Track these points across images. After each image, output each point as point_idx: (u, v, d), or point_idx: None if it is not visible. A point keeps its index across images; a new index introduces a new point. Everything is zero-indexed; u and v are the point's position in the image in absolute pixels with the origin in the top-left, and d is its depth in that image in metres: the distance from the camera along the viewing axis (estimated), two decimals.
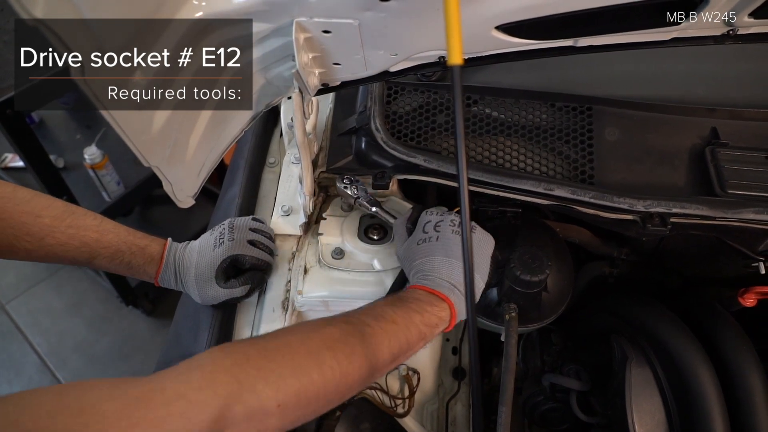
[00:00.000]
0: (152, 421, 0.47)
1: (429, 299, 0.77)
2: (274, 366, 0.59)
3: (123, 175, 2.23)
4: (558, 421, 1.10)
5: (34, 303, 2.66)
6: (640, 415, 0.87)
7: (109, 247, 0.82)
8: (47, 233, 0.77)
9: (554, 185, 0.90)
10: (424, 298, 0.77)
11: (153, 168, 0.68)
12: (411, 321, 0.73)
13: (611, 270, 1.19)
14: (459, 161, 0.45)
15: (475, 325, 0.75)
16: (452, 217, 0.86)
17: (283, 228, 1.04)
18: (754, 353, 0.89)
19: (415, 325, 0.73)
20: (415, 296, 0.77)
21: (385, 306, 0.74)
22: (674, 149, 0.96)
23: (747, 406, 0.85)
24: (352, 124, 1.07)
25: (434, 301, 0.77)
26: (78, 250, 0.79)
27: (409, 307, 0.74)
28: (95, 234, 0.81)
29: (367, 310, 0.73)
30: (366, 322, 0.69)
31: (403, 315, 0.72)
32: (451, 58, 0.46)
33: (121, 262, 0.83)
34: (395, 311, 0.73)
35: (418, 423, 1.20)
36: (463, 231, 0.58)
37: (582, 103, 1.00)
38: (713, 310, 0.96)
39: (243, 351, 0.59)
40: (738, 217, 0.86)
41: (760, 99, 0.97)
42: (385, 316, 0.71)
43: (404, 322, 0.72)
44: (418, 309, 0.74)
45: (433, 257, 0.82)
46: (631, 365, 0.90)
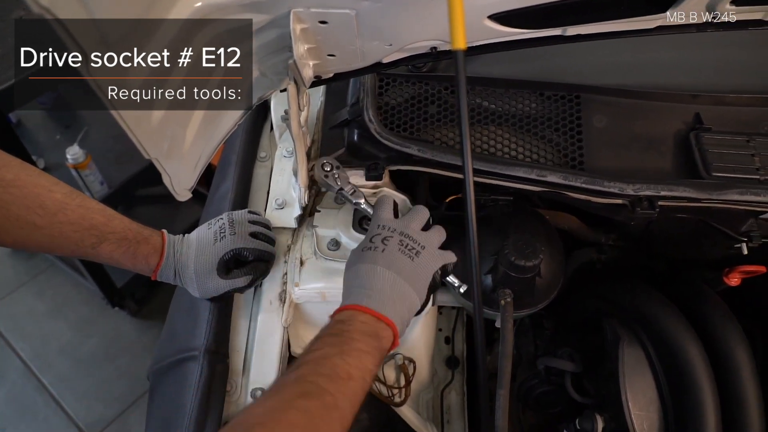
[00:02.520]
0: None
1: (375, 329, 0.71)
2: None
3: (106, 174, 2.20)
4: (551, 404, 1.12)
5: (16, 307, 2.61)
6: (634, 394, 0.90)
7: (116, 232, 0.80)
8: (59, 209, 0.73)
9: (546, 171, 0.92)
10: (370, 329, 0.71)
11: (153, 161, 0.68)
12: (365, 368, 0.67)
13: (599, 256, 1.22)
14: (463, 141, 0.47)
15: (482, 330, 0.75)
16: (401, 238, 0.80)
17: (277, 221, 1.04)
18: (740, 330, 0.92)
19: (369, 370, 0.67)
20: (361, 329, 0.70)
21: (335, 356, 0.66)
22: (660, 135, 0.99)
23: (735, 381, 0.88)
24: (344, 117, 1.08)
25: (380, 331, 0.71)
26: (88, 232, 0.76)
27: (360, 350, 0.68)
28: (102, 218, 0.79)
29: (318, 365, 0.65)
30: (324, 387, 0.62)
31: (357, 365, 0.66)
32: (454, 42, 0.47)
33: (127, 250, 0.81)
34: (347, 361, 0.65)
35: (414, 412, 1.22)
36: (467, 214, 0.59)
37: (570, 91, 1.02)
38: (700, 291, 1.00)
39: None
40: (723, 198, 0.90)
41: (740, 85, 1.01)
42: (339, 374, 0.64)
43: (360, 375, 0.65)
44: (367, 349, 0.68)
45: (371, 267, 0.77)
46: (623, 345, 0.92)
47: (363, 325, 0.71)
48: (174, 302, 1.10)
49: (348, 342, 0.68)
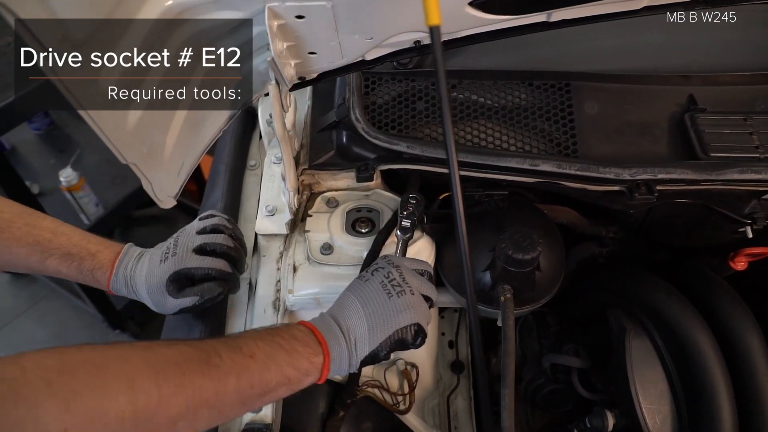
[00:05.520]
0: None
1: (307, 339, 0.69)
2: (71, 381, 0.49)
3: (101, 196, 2.19)
4: (560, 403, 1.09)
5: (17, 336, 2.59)
6: (643, 386, 0.87)
7: (60, 248, 0.81)
8: (4, 227, 0.78)
9: (539, 161, 0.89)
10: (301, 337, 0.69)
11: (131, 165, 0.66)
12: (273, 359, 0.64)
13: (601, 250, 1.19)
14: (445, 125, 0.44)
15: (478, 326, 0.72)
16: (390, 270, 0.77)
17: (269, 228, 1.02)
18: (750, 315, 0.89)
19: (278, 365, 0.64)
20: (293, 333, 0.69)
21: (249, 338, 0.66)
22: (654, 118, 0.97)
23: (748, 368, 0.85)
24: (332, 119, 1.06)
25: (311, 343, 0.69)
26: (32, 248, 0.79)
27: (278, 343, 0.66)
28: (49, 234, 0.81)
29: (230, 338, 0.65)
30: (217, 350, 0.61)
31: (266, 351, 0.64)
32: (429, 19, 0.45)
33: (70, 264, 0.81)
34: (258, 344, 0.64)
35: (420, 419, 1.19)
36: (455, 204, 0.56)
37: (559, 79, 1.00)
38: (706, 277, 0.97)
39: (42, 360, 0.50)
40: (722, 178, 0.87)
41: (733, 63, 0.99)
42: (242, 349, 0.63)
43: (264, 360, 0.63)
44: (288, 347, 0.66)
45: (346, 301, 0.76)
46: (629, 336, 0.89)
47: (297, 330, 0.70)
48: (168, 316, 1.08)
49: (270, 334, 0.67)
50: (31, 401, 0.46)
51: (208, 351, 0.60)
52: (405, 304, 0.74)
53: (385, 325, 0.73)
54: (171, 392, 0.54)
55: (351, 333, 0.72)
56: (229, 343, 0.63)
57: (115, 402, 0.50)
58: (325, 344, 0.69)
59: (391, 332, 0.73)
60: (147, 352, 0.57)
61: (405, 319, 0.74)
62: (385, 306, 0.73)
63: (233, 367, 0.60)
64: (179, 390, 0.55)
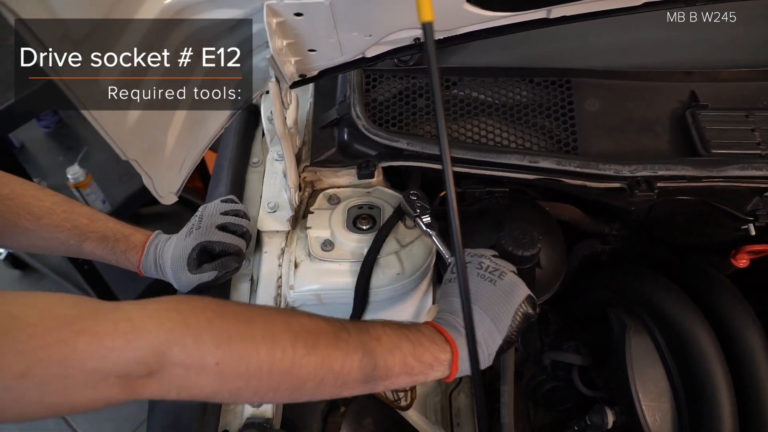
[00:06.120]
0: (95, 333, 0.49)
1: (432, 335, 0.70)
2: (226, 325, 0.57)
3: (108, 193, 2.20)
4: (561, 401, 1.09)
5: None
6: (644, 384, 0.87)
7: (96, 231, 0.87)
8: (44, 213, 0.84)
9: (539, 157, 0.89)
10: (427, 332, 0.71)
11: (131, 162, 0.67)
12: (397, 346, 0.67)
13: (603, 247, 1.19)
14: (438, 122, 0.45)
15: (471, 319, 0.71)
16: (480, 260, 0.79)
17: (270, 225, 1.03)
18: (751, 313, 0.88)
19: (401, 352, 0.67)
20: (419, 328, 0.71)
21: (378, 324, 0.69)
22: (655, 115, 0.96)
23: (748, 366, 0.84)
24: (333, 116, 1.07)
25: (437, 339, 0.70)
26: (70, 232, 0.85)
27: (404, 333, 0.68)
28: (86, 220, 0.87)
29: (359, 321, 0.70)
30: (347, 328, 0.65)
31: (392, 337, 0.67)
32: (421, 15, 0.45)
33: (106, 246, 0.87)
34: (385, 331, 0.67)
35: (421, 415, 1.19)
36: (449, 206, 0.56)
37: (560, 76, 1.00)
38: (707, 274, 0.96)
39: (204, 303, 0.58)
40: (723, 175, 0.86)
41: (735, 60, 0.98)
42: (370, 331, 0.66)
43: (389, 345, 0.66)
44: (413, 339, 0.68)
45: (452, 299, 0.76)
46: (629, 334, 0.89)
47: (423, 327, 0.72)
48: None
49: (397, 325, 0.70)
50: (194, 331, 0.54)
51: (339, 327, 0.65)
52: (510, 282, 0.76)
53: (506, 310, 0.74)
54: (303, 354, 0.59)
55: (476, 330, 0.72)
56: (359, 324, 0.68)
57: (257, 352, 0.57)
58: (453, 342, 0.70)
59: (513, 313, 0.74)
60: (288, 317, 0.63)
61: (518, 296, 0.75)
62: (495, 293, 0.75)
63: (359, 344, 0.64)
64: (310, 354, 0.60)
